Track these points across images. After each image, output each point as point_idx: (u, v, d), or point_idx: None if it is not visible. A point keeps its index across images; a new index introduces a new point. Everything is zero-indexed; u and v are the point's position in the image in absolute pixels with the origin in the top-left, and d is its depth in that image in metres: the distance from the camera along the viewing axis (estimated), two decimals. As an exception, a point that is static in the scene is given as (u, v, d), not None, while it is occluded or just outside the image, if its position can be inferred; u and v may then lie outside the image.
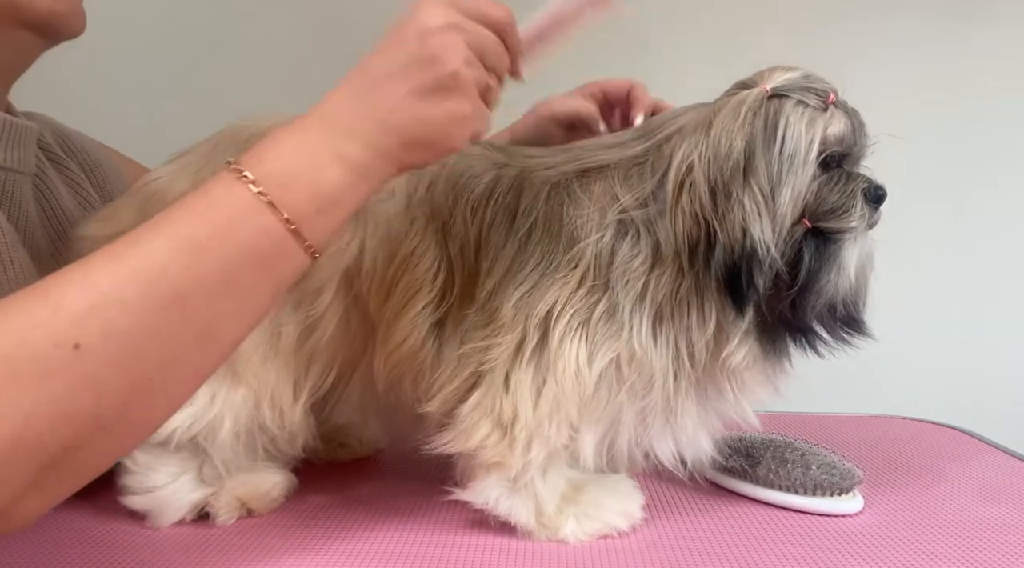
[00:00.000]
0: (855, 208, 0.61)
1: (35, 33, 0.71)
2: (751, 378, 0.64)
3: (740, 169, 0.59)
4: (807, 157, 0.59)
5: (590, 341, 0.61)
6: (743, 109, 0.60)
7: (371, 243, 0.65)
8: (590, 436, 0.64)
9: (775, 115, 0.60)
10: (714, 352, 0.62)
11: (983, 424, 0.95)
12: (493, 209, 0.65)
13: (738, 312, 0.60)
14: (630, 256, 0.62)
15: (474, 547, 0.63)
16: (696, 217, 0.60)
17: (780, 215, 0.59)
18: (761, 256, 0.59)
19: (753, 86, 0.62)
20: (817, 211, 0.61)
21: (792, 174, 0.59)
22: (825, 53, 1.20)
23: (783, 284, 0.60)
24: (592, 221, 0.63)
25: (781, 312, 0.61)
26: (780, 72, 0.62)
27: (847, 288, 0.61)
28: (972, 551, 0.60)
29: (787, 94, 0.60)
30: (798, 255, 0.60)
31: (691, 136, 0.61)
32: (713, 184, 0.60)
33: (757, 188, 0.59)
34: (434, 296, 0.65)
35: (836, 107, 0.61)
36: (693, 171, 0.60)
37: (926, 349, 1.20)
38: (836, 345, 0.63)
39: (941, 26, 1.21)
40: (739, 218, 0.59)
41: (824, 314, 0.62)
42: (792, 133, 0.59)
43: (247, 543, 0.64)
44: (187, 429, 0.66)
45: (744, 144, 0.59)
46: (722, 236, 0.59)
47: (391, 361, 0.66)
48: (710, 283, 0.60)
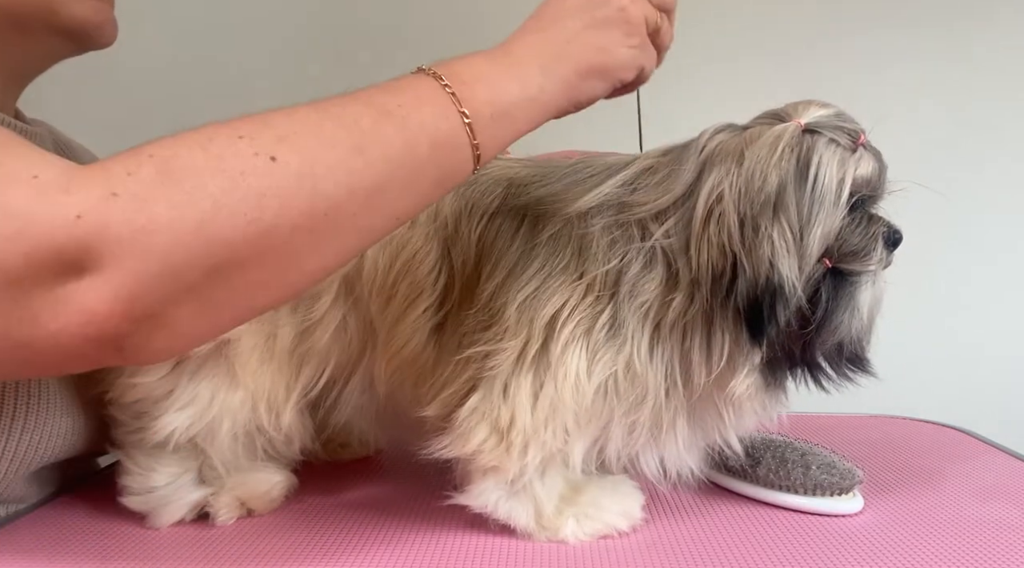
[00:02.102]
0: (876, 251, 0.61)
1: (67, 39, 0.71)
2: (749, 408, 0.64)
3: (771, 204, 0.58)
4: (838, 198, 0.59)
5: (591, 351, 0.61)
6: (780, 144, 0.59)
7: (373, 248, 0.65)
8: (580, 443, 0.64)
9: (808, 152, 0.59)
10: (717, 379, 0.62)
11: (983, 424, 0.95)
12: (501, 215, 0.65)
13: (755, 345, 0.60)
14: (642, 273, 0.61)
15: (474, 547, 0.63)
16: (723, 248, 0.59)
17: (807, 254, 0.58)
18: (788, 293, 0.58)
19: (787, 118, 0.61)
20: (839, 251, 0.60)
21: (823, 214, 0.58)
22: (825, 54, 1.21)
23: (800, 321, 0.60)
24: (606, 238, 0.62)
25: (792, 349, 0.61)
26: (815, 108, 0.61)
27: (859, 328, 0.61)
28: (972, 551, 0.60)
29: (820, 131, 0.59)
30: (816, 294, 0.60)
31: (722, 164, 0.60)
32: (743, 216, 0.58)
33: (787, 224, 0.58)
34: (435, 299, 0.65)
35: (865, 149, 0.60)
36: (723, 201, 0.59)
37: (926, 349, 1.20)
38: (839, 381, 0.63)
39: (943, 25, 1.21)
40: (767, 253, 0.58)
41: (831, 351, 0.62)
42: (825, 172, 0.58)
43: (247, 543, 0.64)
44: (186, 430, 0.66)
45: (778, 180, 0.58)
46: (748, 269, 0.58)
47: (392, 365, 0.66)
48: (727, 313, 0.59)
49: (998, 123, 1.21)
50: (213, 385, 0.66)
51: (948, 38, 1.21)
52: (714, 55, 1.21)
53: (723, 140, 0.61)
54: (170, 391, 0.67)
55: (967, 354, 1.23)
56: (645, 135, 0.68)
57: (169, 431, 0.66)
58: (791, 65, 1.20)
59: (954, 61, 1.21)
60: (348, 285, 0.66)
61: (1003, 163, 1.22)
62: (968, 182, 1.21)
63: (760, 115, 0.63)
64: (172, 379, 0.66)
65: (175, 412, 0.66)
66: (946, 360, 1.23)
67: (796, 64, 1.20)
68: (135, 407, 0.68)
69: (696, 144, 0.62)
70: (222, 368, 0.66)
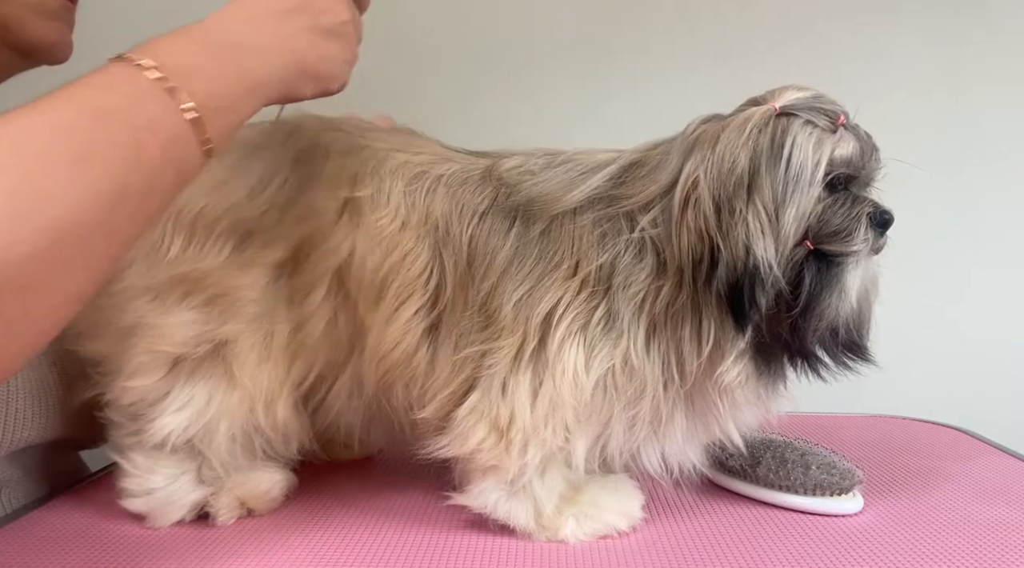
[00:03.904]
0: (859, 232, 0.60)
1: (19, 55, 0.71)
2: (743, 397, 0.63)
3: (744, 186, 0.59)
4: (813, 177, 0.59)
5: (588, 346, 0.61)
6: (749, 125, 0.60)
7: (362, 245, 0.65)
8: (583, 440, 0.64)
9: (782, 134, 0.59)
10: (707, 368, 0.62)
11: (983, 424, 0.95)
12: (492, 214, 0.65)
13: (738, 330, 0.60)
14: (633, 264, 0.62)
15: (474, 547, 0.63)
16: (700, 233, 0.59)
17: (783, 234, 0.59)
18: (763, 274, 0.58)
19: (763, 103, 0.61)
20: (820, 233, 0.60)
21: (797, 193, 0.59)
22: (826, 53, 1.21)
23: (784, 305, 0.60)
24: (596, 231, 0.62)
25: (782, 334, 0.61)
26: (791, 91, 0.61)
27: (848, 312, 0.61)
28: (972, 551, 0.60)
29: (796, 113, 0.60)
30: (799, 276, 0.60)
31: (698, 151, 0.61)
32: (717, 200, 0.59)
33: (761, 205, 0.58)
34: (427, 300, 0.65)
35: (846, 129, 0.60)
36: (699, 187, 0.59)
37: (926, 349, 1.20)
38: (837, 370, 0.63)
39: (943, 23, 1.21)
40: (742, 235, 0.58)
41: (826, 338, 0.61)
42: (799, 152, 0.59)
43: (247, 543, 0.64)
44: (183, 432, 0.66)
45: (748, 161, 0.59)
46: (725, 253, 0.59)
47: (382, 366, 0.66)
48: (710, 299, 0.60)
49: (1001, 114, 1.21)
50: (210, 386, 0.66)
51: (950, 30, 1.21)
52: (707, 52, 1.21)
53: (705, 129, 0.62)
54: (167, 393, 0.66)
55: (967, 354, 1.23)
56: (637, 133, 0.68)
57: (166, 433, 0.66)
58: (787, 62, 1.20)
59: (955, 50, 1.21)
60: (340, 280, 0.66)
61: (1008, 155, 1.22)
62: (971, 183, 1.21)
63: (743, 103, 0.63)
64: (169, 381, 0.66)
65: (172, 414, 0.66)
66: (946, 360, 1.23)
67: (794, 61, 1.20)
68: (132, 409, 0.68)
69: (682, 135, 0.63)
70: (219, 369, 0.66)
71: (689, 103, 0.65)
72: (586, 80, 1.22)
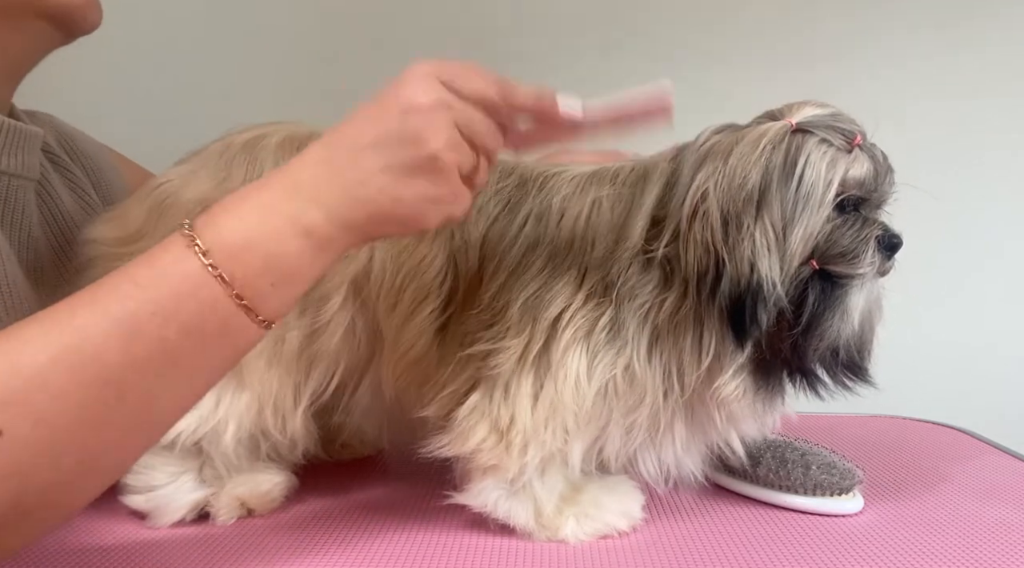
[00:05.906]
0: (866, 254, 0.60)
1: (52, 25, 0.71)
2: (739, 410, 0.63)
3: (753, 202, 0.58)
4: (824, 198, 0.58)
5: (592, 354, 0.61)
6: (763, 141, 0.59)
7: (380, 252, 0.66)
8: (579, 443, 0.64)
9: (796, 151, 0.58)
10: (706, 379, 0.61)
11: (983, 424, 0.95)
12: (504, 217, 0.65)
13: (738, 345, 0.59)
14: (641, 274, 0.61)
15: (474, 547, 0.63)
16: (707, 246, 0.59)
17: (789, 253, 0.58)
18: (767, 292, 0.58)
19: (780, 118, 0.61)
20: (827, 253, 0.59)
21: (806, 213, 0.58)
22: (826, 53, 1.21)
23: (786, 323, 0.59)
24: (609, 238, 0.62)
25: (782, 351, 0.61)
26: (810, 108, 0.61)
27: (850, 333, 0.61)
28: (972, 551, 0.60)
29: (812, 130, 0.59)
30: (803, 295, 0.59)
31: (711, 163, 0.60)
32: (726, 214, 0.58)
33: (769, 223, 0.58)
34: (440, 302, 0.65)
35: (861, 149, 0.60)
36: (707, 199, 0.59)
37: (927, 349, 1.20)
38: (836, 389, 0.63)
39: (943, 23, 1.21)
40: (748, 252, 0.58)
41: (826, 357, 0.61)
42: (811, 171, 0.58)
43: (247, 543, 0.64)
44: (192, 433, 0.66)
45: (760, 177, 0.58)
46: (729, 267, 0.58)
47: (399, 368, 0.67)
48: (713, 312, 0.59)
49: (998, 122, 1.21)
50: (219, 388, 0.66)
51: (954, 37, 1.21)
52: (719, 58, 1.21)
53: (718, 140, 0.61)
54: None
55: (967, 354, 1.23)
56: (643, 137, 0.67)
57: (175, 434, 0.66)
58: (795, 68, 1.20)
59: (956, 60, 1.21)
60: (356, 288, 0.66)
61: (1004, 161, 1.22)
62: (969, 180, 1.21)
63: (759, 115, 0.63)
64: None
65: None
66: (946, 360, 1.23)
67: (799, 66, 1.20)
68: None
69: (694, 145, 0.62)
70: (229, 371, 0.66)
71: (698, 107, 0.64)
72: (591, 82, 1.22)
